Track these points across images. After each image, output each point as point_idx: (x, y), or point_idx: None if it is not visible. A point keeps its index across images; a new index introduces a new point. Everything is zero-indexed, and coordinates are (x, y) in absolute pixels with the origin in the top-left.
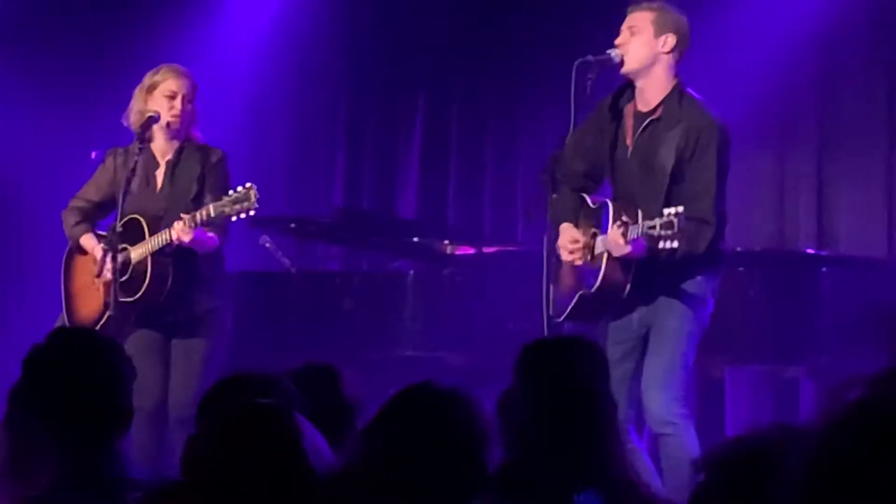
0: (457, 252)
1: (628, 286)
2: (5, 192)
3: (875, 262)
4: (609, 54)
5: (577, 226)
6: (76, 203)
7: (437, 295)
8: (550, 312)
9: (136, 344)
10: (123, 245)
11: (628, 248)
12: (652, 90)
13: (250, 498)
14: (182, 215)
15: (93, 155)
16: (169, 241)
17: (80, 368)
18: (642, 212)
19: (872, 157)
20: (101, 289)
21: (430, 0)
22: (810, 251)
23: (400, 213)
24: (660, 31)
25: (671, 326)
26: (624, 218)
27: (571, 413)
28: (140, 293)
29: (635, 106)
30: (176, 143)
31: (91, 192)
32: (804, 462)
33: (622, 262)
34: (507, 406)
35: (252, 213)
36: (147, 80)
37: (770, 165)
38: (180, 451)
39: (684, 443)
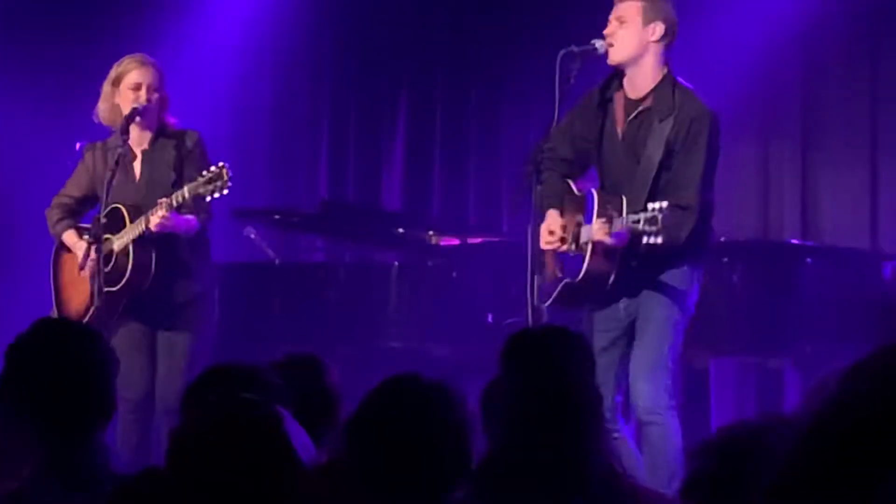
0: (441, 243)
1: (612, 276)
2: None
3: (859, 253)
4: (593, 44)
5: (562, 212)
6: (58, 200)
7: (422, 286)
8: (535, 301)
9: (123, 335)
10: (107, 236)
11: (612, 241)
12: (642, 79)
13: (234, 491)
14: (159, 200)
15: (77, 146)
16: (147, 227)
17: (61, 360)
18: (627, 201)
19: (856, 149)
20: (87, 281)
21: None
22: (795, 242)
23: (384, 204)
24: (648, 19)
25: (657, 317)
26: (609, 210)
27: (556, 403)
28: (123, 282)
29: (625, 94)
30: (149, 133)
31: (72, 188)
32: (789, 454)
33: (606, 252)
34: (491, 397)
35: (226, 191)
36: (112, 72)
37: (754, 156)
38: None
39: (668, 433)
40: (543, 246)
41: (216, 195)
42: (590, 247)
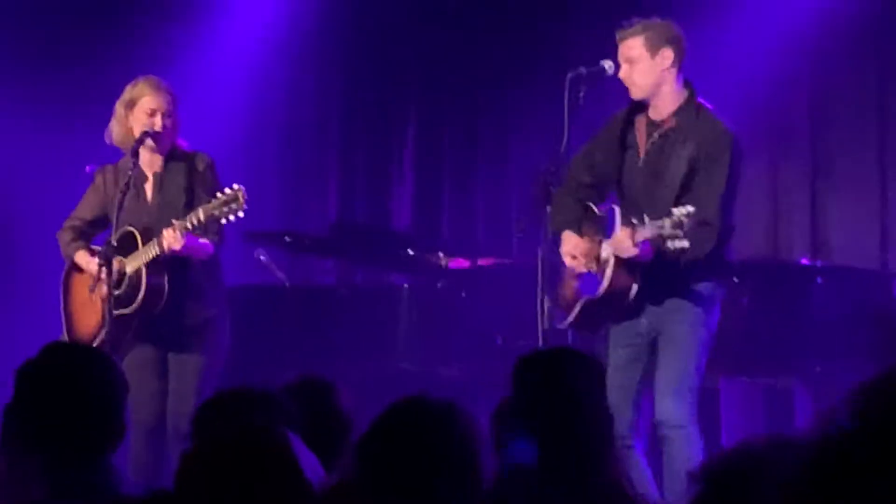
0: (451, 265)
1: (634, 289)
2: (3, 209)
3: (868, 273)
4: (602, 66)
5: (580, 234)
6: (70, 223)
7: (432, 308)
8: (545, 325)
9: (134, 357)
10: (119, 258)
11: (636, 250)
12: (664, 103)
13: None
14: (173, 222)
15: (87, 169)
16: (161, 250)
17: (71, 383)
18: (648, 218)
19: (865, 168)
20: (99, 303)
21: (423, 14)
22: (804, 262)
23: (394, 226)
24: (655, 49)
25: (682, 333)
26: (633, 220)
27: (566, 424)
28: (136, 304)
29: (647, 116)
30: (161, 156)
31: (84, 210)
32: (796, 474)
33: (628, 265)
34: (501, 418)
35: (241, 214)
36: (126, 94)
37: (764, 176)
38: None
39: (691, 443)
40: (569, 264)
41: (231, 217)
42: (612, 260)
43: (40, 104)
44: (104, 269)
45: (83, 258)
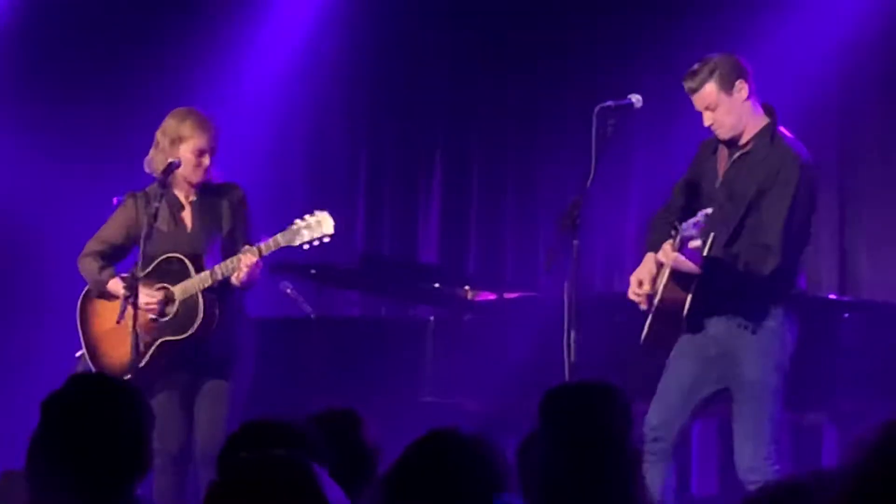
0: (477, 298)
1: (688, 301)
2: (21, 235)
3: None
4: (630, 100)
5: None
6: (96, 247)
7: (458, 341)
8: (572, 358)
9: (165, 385)
10: (162, 284)
11: (675, 255)
12: (748, 130)
13: None
14: (247, 247)
15: (115, 201)
16: (223, 277)
17: (97, 416)
18: (714, 236)
19: (893, 203)
20: (140, 330)
21: (451, 46)
22: (832, 297)
23: (420, 258)
24: (728, 87)
25: (752, 379)
26: (676, 225)
27: (594, 458)
28: (193, 330)
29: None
30: (196, 186)
31: (112, 234)
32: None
33: (679, 278)
34: (527, 453)
35: (327, 239)
36: (172, 130)
37: None
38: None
39: None
40: (630, 296)
41: (316, 243)
42: (666, 272)
43: (64, 135)
44: (129, 298)
45: (117, 286)
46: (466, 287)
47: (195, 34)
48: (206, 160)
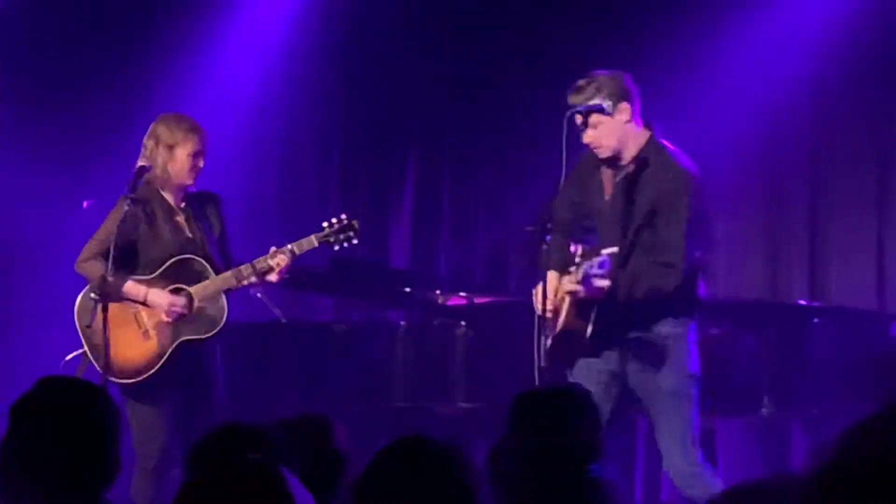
0: (448, 302)
1: (590, 328)
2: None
3: (866, 314)
4: (601, 105)
5: (567, 273)
6: (98, 249)
7: (429, 345)
8: (542, 362)
9: (168, 385)
10: (176, 285)
11: (578, 287)
12: (628, 150)
13: None
14: (276, 249)
15: (84, 205)
16: (267, 273)
17: (66, 418)
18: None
19: (863, 210)
20: (154, 331)
21: (423, 50)
22: (802, 302)
23: (392, 263)
24: (611, 109)
25: (670, 391)
26: (577, 258)
27: (563, 462)
28: (217, 329)
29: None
30: (181, 191)
31: (111, 238)
32: None
33: (581, 304)
34: (497, 458)
35: (355, 241)
36: (166, 135)
37: (762, 217)
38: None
39: (707, 477)
40: (536, 307)
41: (346, 245)
42: (567, 299)
43: (39, 140)
44: (100, 304)
45: (137, 289)
46: (437, 291)
47: (166, 37)
48: (201, 163)
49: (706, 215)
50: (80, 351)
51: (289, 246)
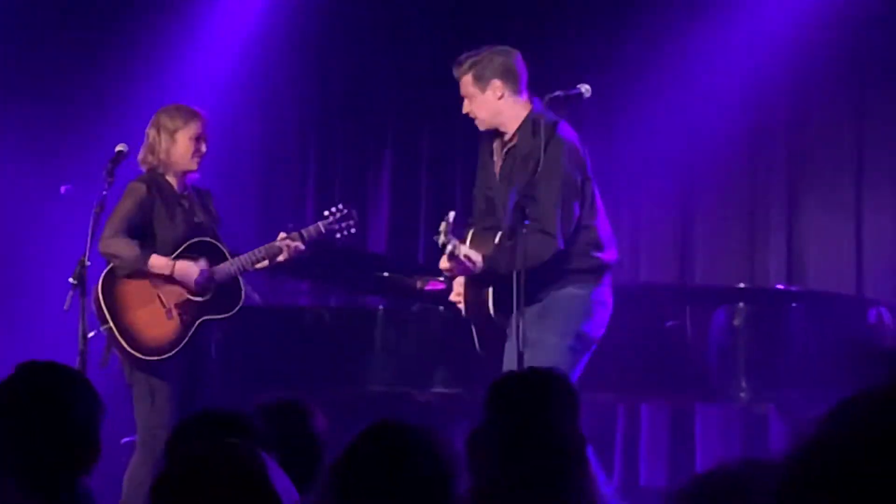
0: (427, 287)
1: (490, 305)
2: None
3: (844, 298)
4: (579, 89)
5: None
6: (121, 227)
7: (407, 330)
8: (521, 347)
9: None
10: (204, 262)
11: (449, 265)
12: (509, 124)
13: None
14: (285, 234)
15: (62, 190)
16: (267, 258)
17: (45, 403)
18: (500, 234)
19: (841, 194)
20: (176, 311)
21: (399, 36)
22: (780, 287)
23: (370, 248)
24: (484, 85)
25: (544, 342)
26: (441, 237)
27: (541, 447)
28: (236, 310)
29: (501, 137)
30: (184, 178)
31: (132, 216)
32: (769, 496)
33: (473, 280)
34: (476, 442)
35: (353, 230)
36: (168, 122)
37: (740, 202)
38: None
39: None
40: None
41: (346, 233)
42: (462, 279)
43: (21, 129)
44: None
45: (161, 262)
46: (416, 276)
47: (143, 31)
48: (203, 147)
49: (587, 178)
50: (105, 327)
51: (300, 231)
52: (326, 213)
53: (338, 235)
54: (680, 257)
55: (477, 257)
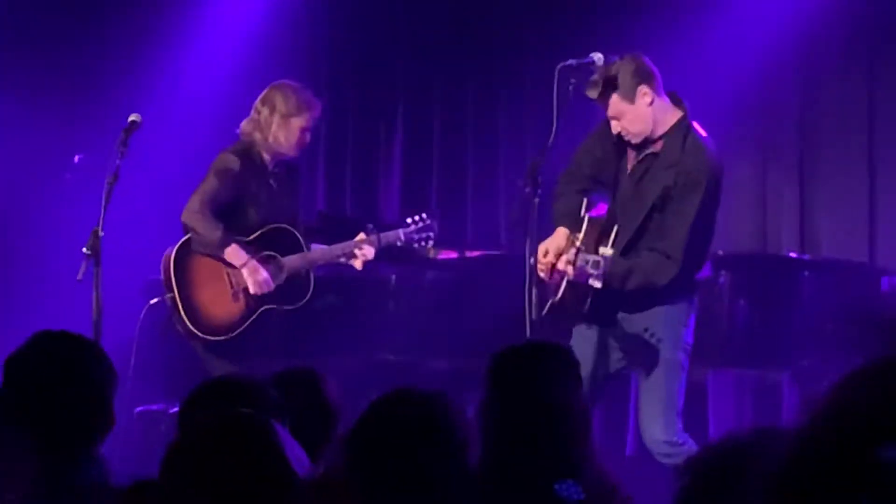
0: (439, 256)
1: (588, 303)
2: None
3: (857, 267)
4: (591, 58)
5: (577, 229)
6: (210, 206)
7: (420, 299)
8: (534, 316)
9: (249, 348)
10: (269, 253)
11: (571, 270)
12: (656, 130)
13: None
14: (365, 237)
15: (76, 159)
16: (351, 258)
17: (58, 373)
18: (616, 232)
19: (853, 162)
20: (243, 294)
21: (411, 6)
22: (792, 255)
23: (382, 217)
24: (631, 95)
25: (659, 358)
26: (578, 244)
27: (544, 419)
28: (302, 303)
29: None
30: (277, 158)
31: (224, 195)
32: (781, 465)
33: (578, 285)
34: (486, 411)
35: (431, 243)
36: (282, 106)
37: (752, 170)
38: None
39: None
40: (537, 265)
41: (423, 244)
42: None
43: (30, 99)
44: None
45: (237, 255)
46: (428, 245)
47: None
48: (308, 137)
49: (718, 203)
50: (169, 296)
51: (379, 235)
52: (409, 220)
53: (415, 246)
54: None
55: (597, 284)
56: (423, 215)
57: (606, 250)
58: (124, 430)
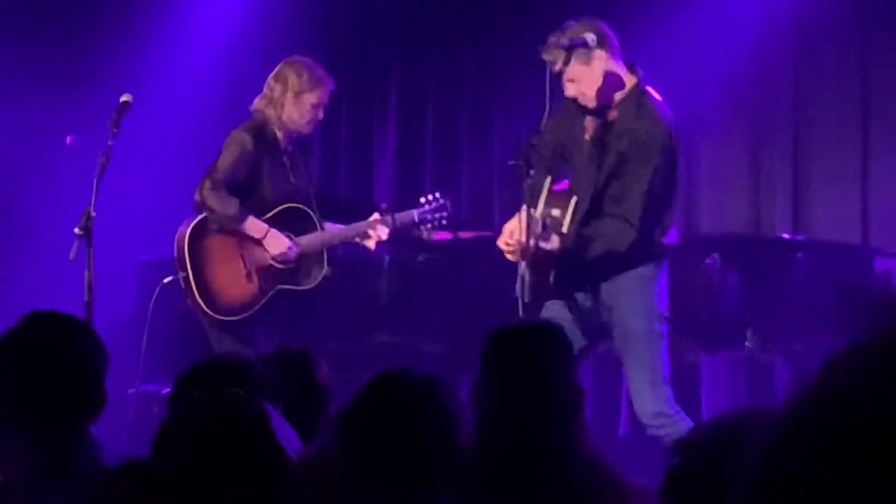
0: (433, 237)
1: (552, 274)
2: None
3: (850, 248)
4: (584, 38)
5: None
6: (225, 182)
7: (413, 280)
8: (526, 298)
9: (261, 328)
10: (286, 233)
11: (533, 245)
12: (610, 94)
13: (218, 485)
14: (379, 217)
15: (68, 139)
16: (357, 238)
17: (50, 353)
18: (575, 202)
19: (847, 143)
20: (256, 274)
21: None
22: (786, 236)
23: (376, 198)
24: (586, 59)
25: (636, 331)
26: (535, 215)
27: (537, 398)
28: (315, 283)
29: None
30: (290, 136)
31: (238, 171)
32: (768, 444)
33: (543, 252)
34: (481, 390)
35: (445, 222)
36: (296, 82)
37: (745, 151)
38: None
39: (682, 426)
40: (499, 244)
41: (437, 224)
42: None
43: (25, 77)
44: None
45: (256, 226)
46: (422, 226)
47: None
48: (321, 114)
49: (676, 166)
50: (182, 275)
51: (393, 214)
52: (423, 199)
53: (428, 225)
54: (685, 207)
55: (551, 245)
56: (437, 194)
57: (555, 212)
58: (117, 411)
